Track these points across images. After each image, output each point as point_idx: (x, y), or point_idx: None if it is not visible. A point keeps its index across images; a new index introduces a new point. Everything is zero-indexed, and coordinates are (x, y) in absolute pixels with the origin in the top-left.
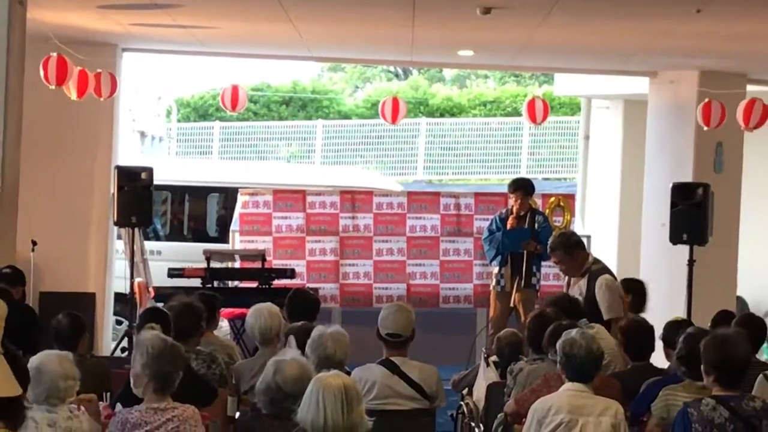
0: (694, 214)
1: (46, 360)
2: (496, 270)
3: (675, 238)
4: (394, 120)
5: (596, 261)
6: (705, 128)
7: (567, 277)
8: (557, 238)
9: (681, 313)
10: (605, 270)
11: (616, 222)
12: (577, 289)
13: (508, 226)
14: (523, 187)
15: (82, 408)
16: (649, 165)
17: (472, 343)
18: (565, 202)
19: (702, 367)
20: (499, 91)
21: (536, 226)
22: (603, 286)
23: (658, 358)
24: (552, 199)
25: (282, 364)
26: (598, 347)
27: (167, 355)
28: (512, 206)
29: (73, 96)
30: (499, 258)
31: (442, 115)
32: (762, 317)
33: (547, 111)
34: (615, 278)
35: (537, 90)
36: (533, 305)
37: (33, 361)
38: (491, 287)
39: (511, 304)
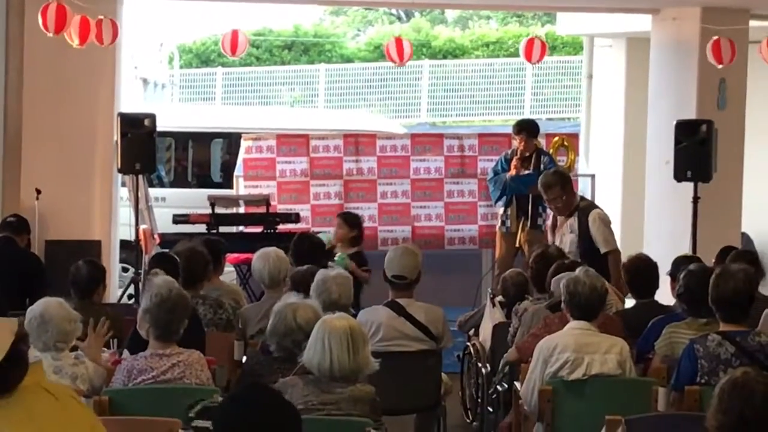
0: (698, 151)
1: (47, 306)
2: (501, 211)
3: (679, 176)
4: (401, 60)
5: (582, 198)
6: (718, 66)
7: (552, 219)
8: (553, 175)
9: (686, 250)
10: (594, 205)
11: (620, 161)
12: (568, 227)
13: (512, 168)
14: (527, 128)
15: (83, 352)
16: (652, 103)
17: (478, 285)
18: (569, 142)
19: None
20: (501, 32)
21: (542, 167)
22: (597, 220)
23: (665, 295)
24: (556, 138)
25: (297, 306)
26: (601, 285)
27: (170, 303)
28: (516, 147)
29: (75, 43)
30: (504, 199)
31: (444, 57)
32: (756, 252)
33: (545, 51)
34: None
35: (539, 30)
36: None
37: (34, 310)
38: (497, 228)
39: (517, 245)
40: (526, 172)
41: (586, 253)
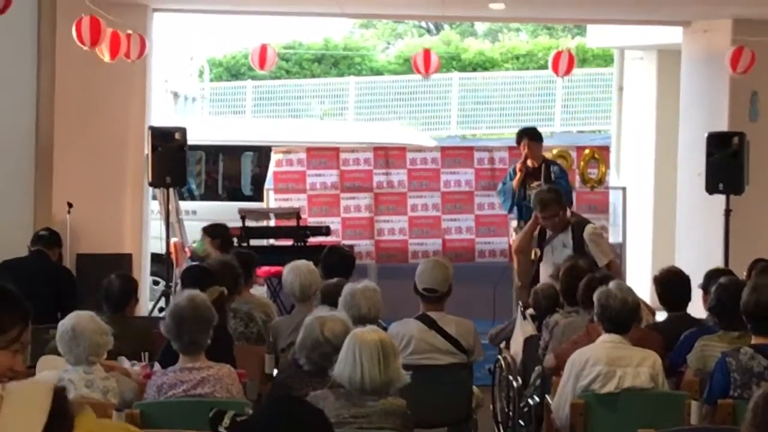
0: (730, 164)
1: (78, 320)
2: (514, 224)
3: (711, 188)
4: (426, 72)
5: (572, 213)
6: (732, 73)
7: (530, 232)
8: (550, 192)
9: (718, 263)
10: (584, 219)
11: (652, 173)
12: (560, 242)
13: (518, 172)
14: (528, 133)
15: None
16: (683, 115)
17: (511, 297)
18: (600, 155)
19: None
20: (531, 44)
21: (552, 177)
22: (593, 234)
23: (697, 308)
24: (587, 151)
25: (325, 319)
26: (633, 299)
27: (189, 320)
28: (523, 157)
29: (106, 58)
30: (516, 210)
31: (474, 70)
32: None
33: (572, 63)
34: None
35: (570, 42)
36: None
37: (65, 324)
38: (511, 241)
39: (532, 257)
40: (537, 183)
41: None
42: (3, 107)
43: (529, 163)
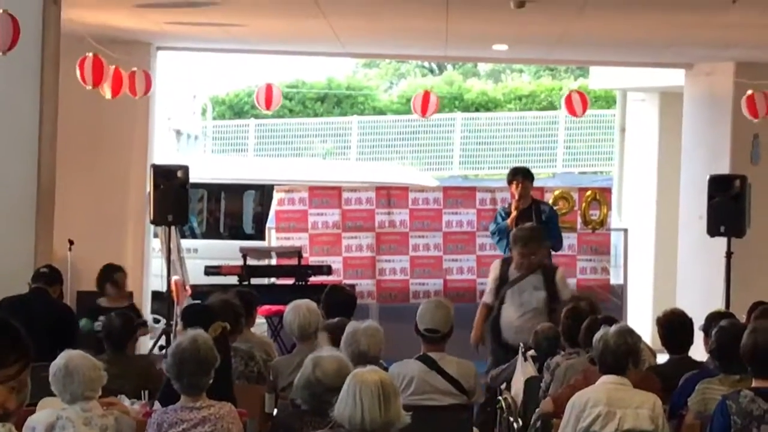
0: (732, 206)
1: (70, 358)
2: None
3: (712, 231)
4: (424, 113)
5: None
6: (753, 120)
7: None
8: (531, 231)
9: (719, 305)
10: (553, 263)
11: (653, 215)
12: (529, 284)
13: (510, 219)
14: (520, 171)
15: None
16: (685, 157)
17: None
18: (602, 196)
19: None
20: (534, 85)
21: (543, 216)
22: (564, 278)
23: (699, 351)
24: (588, 192)
25: (320, 359)
26: (633, 341)
27: (190, 361)
28: (514, 196)
29: (108, 95)
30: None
31: (477, 110)
32: None
33: (586, 103)
34: None
35: (572, 83)
36: None
37: (57, 363)
38: None
39: None
40: (528, 224)
41: (554, 310)
42: (5, 144)
43: (520, 204)
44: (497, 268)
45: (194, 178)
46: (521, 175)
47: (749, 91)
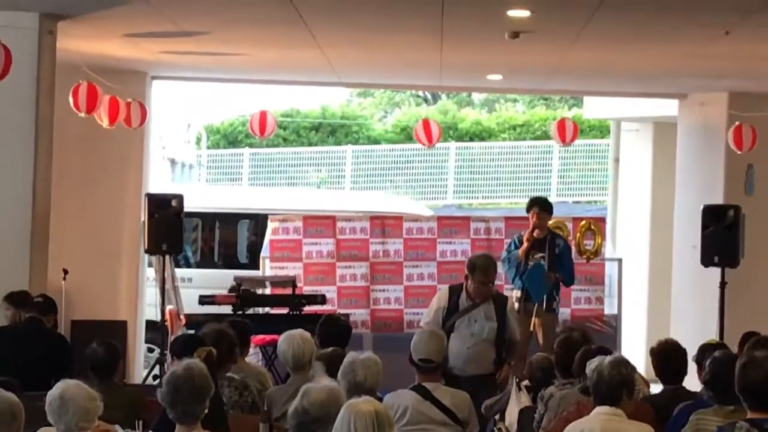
0: (726, 237)
1: (66, 388)
2: (516, 293)
3: (706, 261)
4: (429, 142)
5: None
6: (738, 152)
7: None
8: (488, 259)
9: (713, 336)
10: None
11: (647, 245)
12: (480, 313)
13: (525, 242)
14: (539, 202)
15: None
16: (679, 187)
17: None
18: (596, 226)
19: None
20: (528, 115)
21: (556, 250)
22: (514, 309)
23: (693, 382)
24: (583, 222)
25: (311, 388)
26: (627, 371)
27: (185, 389)
28: (533, 225)
29: (105, 124)
30: (519, 279)
31: (471, 139)
32: None
33: (576, 132)
34: None
35: (566, 113)
36: (553, 329)
37: (53, 393)
38: None
39: (531, 328)
40: (540, 255)
41: (503, 340)
42: (0, 173)
43: (535, 233)
44: (445, 298)
45: (189, 207)
46: (539, 207)
47: (736, 123)
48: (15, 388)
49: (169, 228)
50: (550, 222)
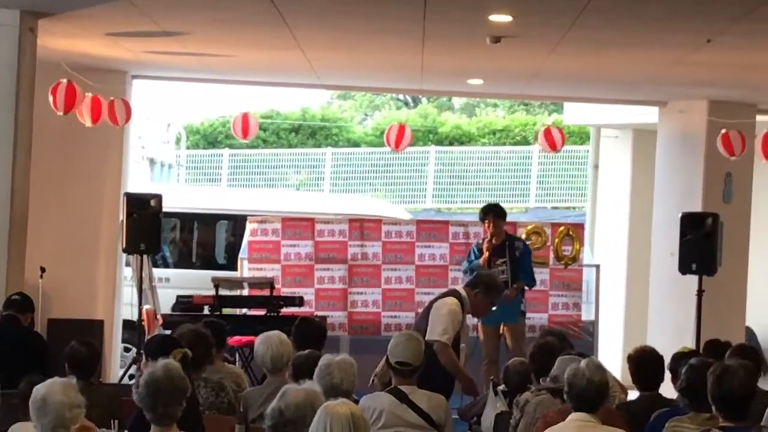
0: (704, 244)
1: (50, 390)
2: None
3: (684, 268)
4: (397, 147)
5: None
6: (728, 158)
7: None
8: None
9: (690, 344)
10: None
11: (625, 251)
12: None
13: (485, 251)
14: (492, 210)
15: None
16: (658, 195)
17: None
18: (575, 232)
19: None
20: (508, 120)
21: (516, 253)
22: (436, 308)
23: (669, 388)
24: (561, 228)
25: (289, 389)
26: (601, 377)
27: (164, 391)
28: (489, 233)
29: (88, 123)
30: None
31: (451, 144)
32: (755, 346)
33: (563, 139)
34: None
35: (546, 119)
36: (522, 334)
37: (38, 391)
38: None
39: (500, 332)
40: (501, 260)
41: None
42: None
43: (494, 240)
44: (461, 313)
45: (167, 207)
46: (492, 214)
47: (723, 130)
48: None
49: (148, 228)
50: (529, 227)
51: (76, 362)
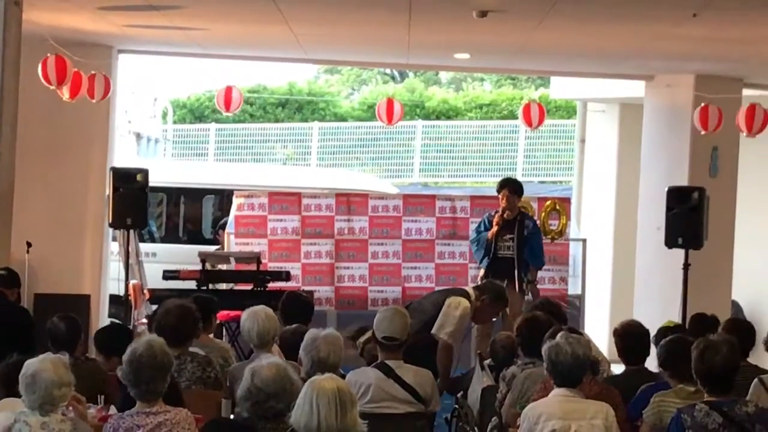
0: (690, 218)
1: (41, 368)
2: (482, 272)
3: (670, 242)
4: (389, 121)
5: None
6: (703, 132)
7: None
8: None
9: (676, 317)
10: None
11: (612, 225)
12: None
13: (494, 225)
14: (509, 185)
15: (71, 408)
16: (644, 169)
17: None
18: (561, 206)
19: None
20: (495, 94)
21: (525, 231)
22: (449, 306)
23: (654, 363)
24: (548, 202)
25: (258, 367)
26: (583, 352)
27: (147, 367)
28: (502, 207)
29: (66, 97)
30: (486, 259)
31: (438, 118)
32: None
33: (543, 115)
34: None
35: (533, 93)
36: (520, 308)
37: (28, 368)
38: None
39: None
40: (509, 236)
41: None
42: None
43: (505, 215)
44: (468, 318)
45: (154, 181)
46: (508, 189)
47: (702, 104)
48: None
49: (134, 202)
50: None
51: (56, 338)
